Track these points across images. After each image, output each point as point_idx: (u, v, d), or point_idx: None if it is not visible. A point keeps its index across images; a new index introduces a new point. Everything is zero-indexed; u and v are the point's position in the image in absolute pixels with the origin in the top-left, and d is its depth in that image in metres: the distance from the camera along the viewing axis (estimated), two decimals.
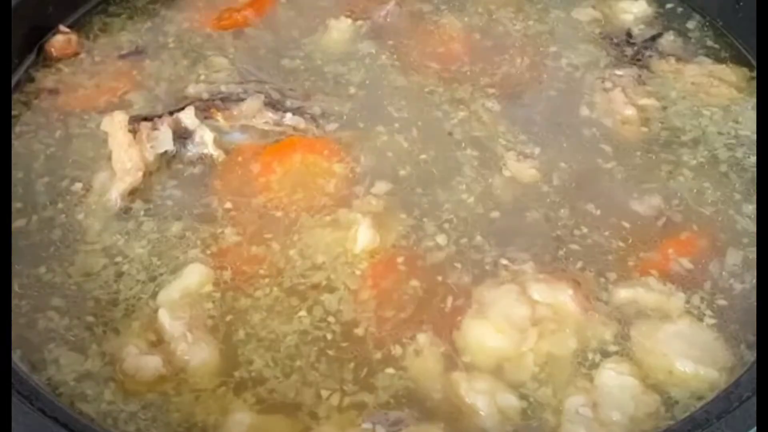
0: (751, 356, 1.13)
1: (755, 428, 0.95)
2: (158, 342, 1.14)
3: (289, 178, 1.34)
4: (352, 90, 1.49)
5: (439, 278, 1.22)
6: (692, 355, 1.12)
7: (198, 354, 1.12)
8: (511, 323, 1.15)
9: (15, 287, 1.19)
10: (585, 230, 1.28)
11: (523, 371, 1.12)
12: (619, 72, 1.51)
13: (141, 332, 1.15)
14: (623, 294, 1.20)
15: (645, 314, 1.18)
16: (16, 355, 1.11)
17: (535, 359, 1.13)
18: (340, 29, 1.60)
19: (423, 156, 1.38)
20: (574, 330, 1.15)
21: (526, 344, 1.13)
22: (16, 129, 1.41)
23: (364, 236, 1.23)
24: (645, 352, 1.13)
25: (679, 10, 1.65)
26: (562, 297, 1.18)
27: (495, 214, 1.30)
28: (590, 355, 1.14)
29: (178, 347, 1.12)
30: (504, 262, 1.24)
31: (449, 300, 1.19)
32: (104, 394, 1.09)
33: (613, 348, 1.14)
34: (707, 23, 1.63)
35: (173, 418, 1.07)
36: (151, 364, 1.10)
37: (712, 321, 1.18)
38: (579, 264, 1.24)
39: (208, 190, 1.33)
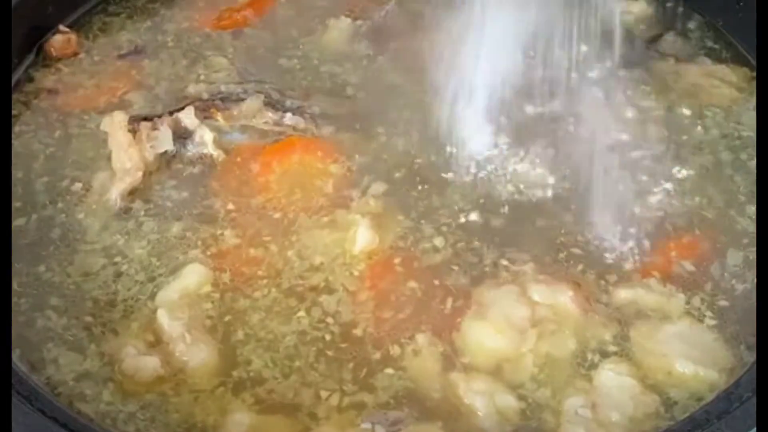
0: (751, 357, 1.12)
1: (755, 428, 0.95)
2: (157, 342, 1.13)
3: (288, 179, 1.33)
4: (351, 90, 1.49)
5: (437, 280, 1.21)
6: (692, 356, 1.12)
7: (196, 354, 1.12)
8: (510, 324, 1.15)
9: (14, 285, 1.19)
10: (586, 232, 1.27)
11: (522, 372, 1.12)
12: (620, 73, 1.51)
13: (140, 333, 1.15)
14: (623, 295, 1.19)
15: (645, 315, 1.18)
16: (15, 355, 1.11)
17: (534, 360, 1.12)
18: (339, 29, 1.60)
19: (423, 157, 1.38)
20: (574, 331, 1.15)
21: (525, 345, 1.13)
22: (16, 129, 1.41)
23: (363, 237, 1.23)
24: (644, 353, 1.13)
25: (680, 10, 1.65)
26: (561, 298, 1.18)
27: (495, 215, 1.30)
28: (589, 356, 1.13)
29: (176, 348, 1.12)
30: (504, 263, 1.23)
31: (449, 301, 1.19)
32: (103, 394, 1.09)
33: (612, 348, 1.14)
34: (707, 23, 1.62)
35: (172, 419, 1.06)
36: (150, 364, 1.10)
37: (713, 322, 1.17)
38: (580, 266, 1.23)
39: (208, 190, 1.33)
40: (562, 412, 1.07)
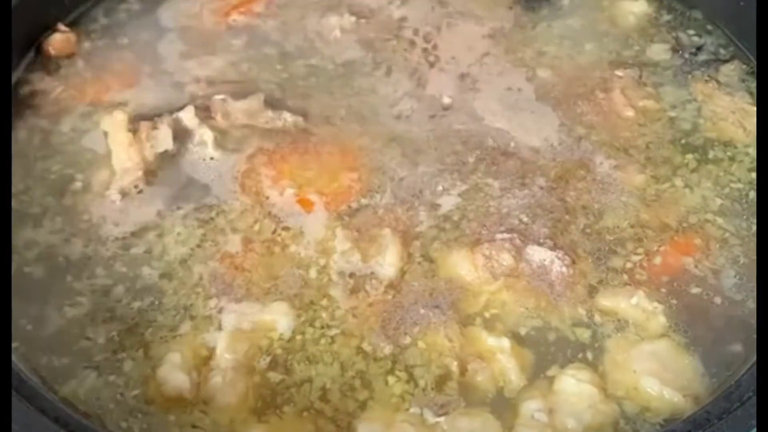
0: (720, 388, 1.10)
1: (755, 428, 0.95)
2: (204, 362, 1.12)
3: (288, 180, 1.33)
4: (355, 89, 1.49)
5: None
6: (662, 376, 1.10)
7: (227, 395, 1.08)
8: (487, 264, 1.20)
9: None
10: (579, 234, 1.27)
11: (470, 308, 1.17)
12: (619, 73, 1.51)
13: (195, 345, 1.13)
14: (607, 302, 1.19)
15: (624, 327, 1.17)
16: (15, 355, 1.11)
17: (486, 302, 1.17)
18: (343, 27, 1.60)
19: (430, 154, 1.38)
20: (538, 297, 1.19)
21: (488, 287, 1.18)
22: (16, 128, 1.40)
23: (392, 255, 1.23)
24: (613, 364, 1.13)
25: (680, 9, 1.65)
26: (546, 263, 1.20)
27: (505, 203, 1.31)
28: (535, 321, 1.17)
29: (213, 378, 1.09)
30: (524, 218, 1.27)
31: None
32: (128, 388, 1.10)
33: (585, 342, 1.15)
34: (708, 22, 1.62)
35: None
36: (180, 383, 1.08)
37: (693, 348, 1.15)
38: (586, 250, 1.25)
39: (209, 191, 1.32)
40: (519, 415, 1.07)
